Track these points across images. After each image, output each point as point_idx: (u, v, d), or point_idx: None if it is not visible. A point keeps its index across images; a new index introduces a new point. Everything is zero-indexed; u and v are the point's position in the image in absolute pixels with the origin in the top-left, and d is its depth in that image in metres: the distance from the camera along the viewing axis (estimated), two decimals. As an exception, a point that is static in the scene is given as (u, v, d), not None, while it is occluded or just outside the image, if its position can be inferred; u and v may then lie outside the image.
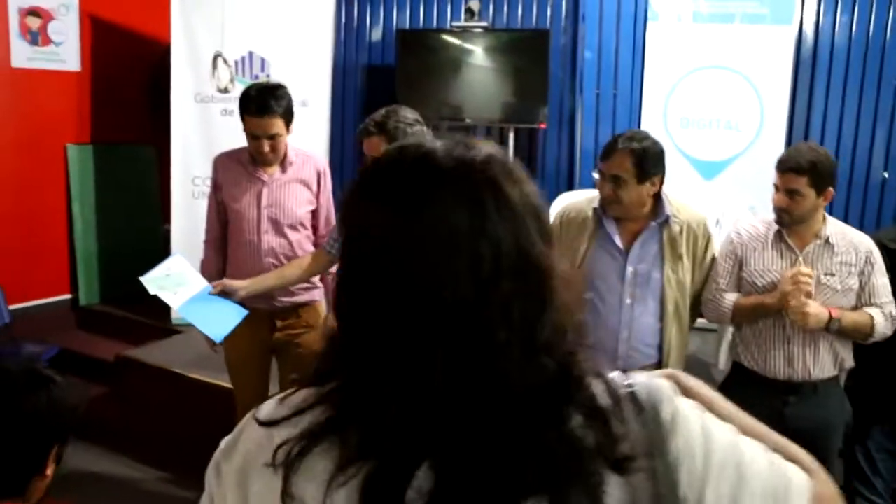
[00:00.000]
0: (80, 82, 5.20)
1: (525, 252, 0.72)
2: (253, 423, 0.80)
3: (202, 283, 2.84)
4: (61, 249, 5.21)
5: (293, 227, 3.01)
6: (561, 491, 0.69)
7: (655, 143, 2.51)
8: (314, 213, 3.09)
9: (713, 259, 2.68)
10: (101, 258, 5.32)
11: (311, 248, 3.06)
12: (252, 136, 2.85)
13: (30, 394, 1.42)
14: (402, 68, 5.23)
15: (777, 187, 2.57)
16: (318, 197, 3.06)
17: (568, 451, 0.70)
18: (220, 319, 2.78)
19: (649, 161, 2.45)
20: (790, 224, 2.59)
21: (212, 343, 2.88)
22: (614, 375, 0.78)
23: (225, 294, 2.80)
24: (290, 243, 3.00)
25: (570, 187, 5.17)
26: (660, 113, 4.68)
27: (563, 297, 0.74)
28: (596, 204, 2.59)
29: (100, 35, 5.26)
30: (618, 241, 2.56)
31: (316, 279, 3.15)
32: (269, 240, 2.98)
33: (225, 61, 4.68)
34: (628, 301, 2.56)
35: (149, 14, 5.26)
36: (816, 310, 2.46)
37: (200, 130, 4.78)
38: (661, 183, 2.53)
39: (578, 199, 2.74)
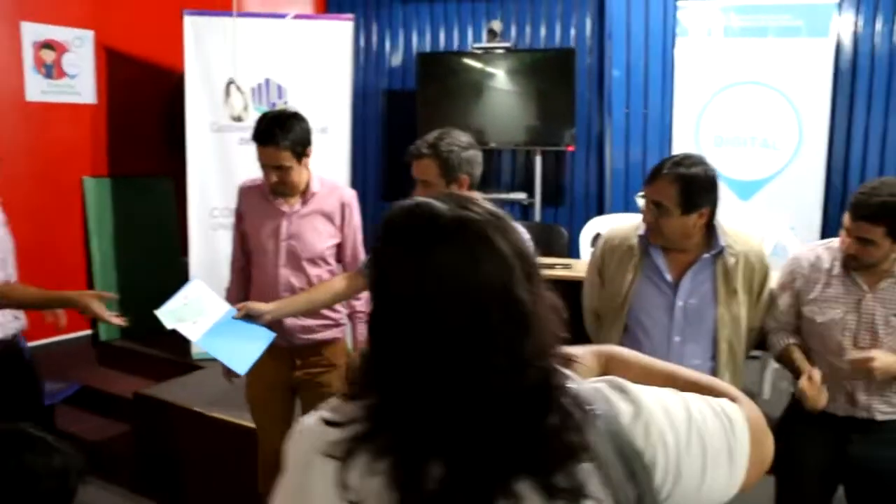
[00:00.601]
0: (95, 115, 5.12)
1: (509, 289, 0.89)
2: (311, 425, 0.98)
3: (224, 307, 2.66)
4: (80, 284, 5.10)
5: (313, 262, 2.85)
6: (546, 473, 0.87)
7: (707, 171, 2.23)
8: (340, 247, 2.94)
9: (770, 295, 2.45)
10: (119, 292, 5.19)
11: None
12: (261, 165, 2.72)
13: (7, 458, 1.34)
14: (424, 92, 5.11)
15: (847, 230, 2.29)
16: (342, 230, 2.91)
17: (548, 442, 0.88)
18: (243, 348, 2.59)
19: (696, 190, 2.20)
20: (858, 269, 2.35)
21: (230, 373, 2.75)
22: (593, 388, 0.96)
23: (249, 318, 2.63)
24: (309, 278, 2.85)
25: (601, 211, 5.00)
26: (691, 131, 4.53)
27: (544, 322, 0.92)
28: (642, 231, 2.37)
29: (115, 66, 5.18)
30: (666, 273, 2.34)
31: (342, 316, 3.01)
32: (287, 274, 2.84)
33: (238, 88, 4.58)
34: (677, 339, 2.34)
35: (163, 44, 5.18)
36: (884, 363, 2.22)
37: (217, 160, 4.69)
38: (712, 214, 2.26)
39: (623, 226, 2.51)
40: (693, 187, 2.20)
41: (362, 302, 3.03)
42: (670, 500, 0.94)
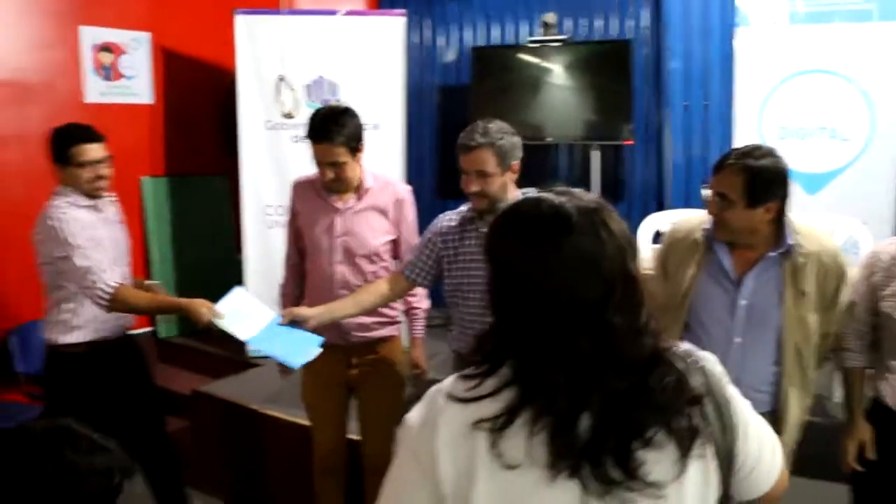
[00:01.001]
0: (152, 115, 5.18)
1: (626, 267, 1.06)
2: (448, 400, 1.09)
3: (270, 314, 2.63)
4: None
5: (368, 259, 2.82)
6: (668, 420, 1.03)
7: (777, 164, 2.12)
8: (395, 244, 2.89)
9: (848, 304, 2.30)
10: (177, 290, 5.27)
11: None
12: (317, 162, 2.69)
13: (49, 456, 1.30)
14: (478, 88, 5.05)
15: None
16: (397, 225, 2.87)
17: (667, 395, 1.04)
18: (295, 348, 2.57)
19: (763, 183, 2.10)
20: None
21: (285, 369, 2.75)
22: (685, 348, 1.16)
23: (295, 323, 2.58)
24: (365, 275, 2.81)
25: (660, 207, 4.87)
26: (754, 123, 4.37)
27: (647, 292, 1.08)
28: (708, 225, 2.26)
29: (171, 67, 5.24)
30: (729, 269, 2.23)
31: (398, 313, 2.96)
32: (343, 271, 2.80)
33: (288, 85, 4.57)
34: (738, 340, 2.22)
35: (217, 43, 5.20)
36: None
37: (271, 158, 4.69)
38: (781, 209, 2.15)
39: (689, 219, 2.41)
40: (760, 180, 2.09)
41: (418, 298, 2.98)
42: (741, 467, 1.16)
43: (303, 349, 2.53)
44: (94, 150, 2.94)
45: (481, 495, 1.04)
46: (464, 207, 2.63)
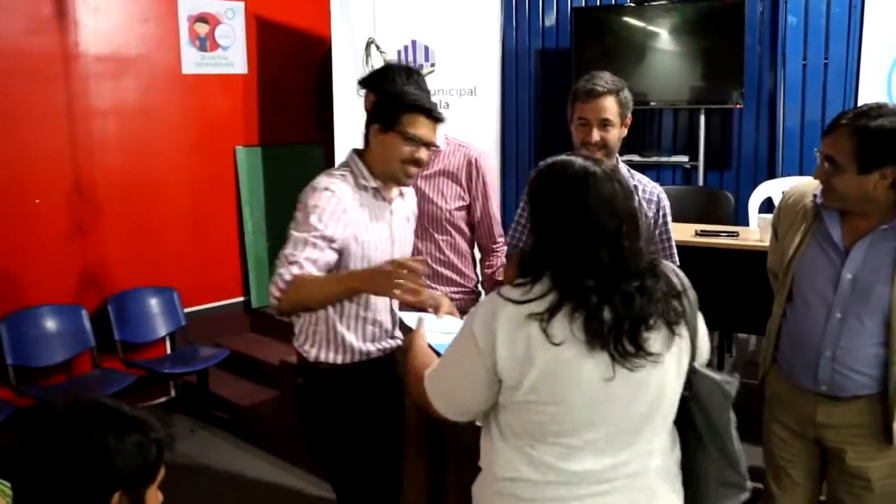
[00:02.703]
0: (247, 85, 5.17)
1: (632, 208, 1.53)
2: (505, 302, 1.49)
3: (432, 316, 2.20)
4: (233, 252, 5.22)
5: (439, 226, 2.72)
6: (662, 311, 1.49)
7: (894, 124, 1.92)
8: (469, 211, 2.76)
9: None
10: (271, 261, 5.27)
11: (466, 251, 2.79)
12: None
13: (74, 433, 1.26)
14: (580, 51, 4.81)
15: None
16: (469, 190, 2.73)
17: (661, 293, 1.50)
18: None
19: (879, 146, 1.90)
20: None
21: None
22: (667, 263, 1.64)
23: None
24: (438, 244, 2.73)
25: (771, 175, 4.55)
26: (882, 83, 4.02)
27: (645, 229, 1.87)
28: (819, 190, 2.09)
29: (265, 36, 5.21)
30: (837, 238, 2.04)
31: (476, 283, 2.87)
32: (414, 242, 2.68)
33: (378, 48, 4.44)
34: (838, 315, 2.04)
35: (312, 11, 5.14)
36: None
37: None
38: None
39: (803, 184, 2.25)
40: (875, 142, 1.89)
41: (498, 268, 2.86)
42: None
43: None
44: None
45: (538, 366, 1.45)
46: None
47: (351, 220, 2.16)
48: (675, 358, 1.52)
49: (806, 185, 2.22)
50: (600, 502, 1.52)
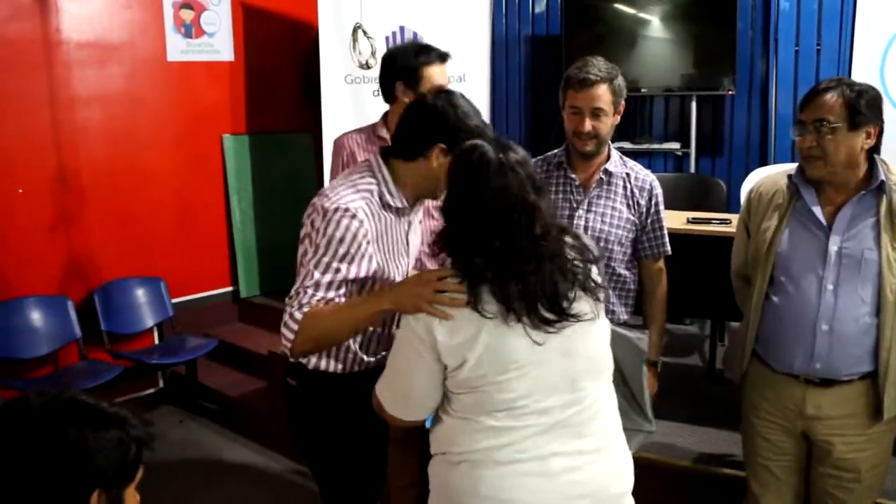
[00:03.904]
0: (233, 72, 5.11)
1: (525, 195, 1.60)
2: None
3: None
4: (221, 242, 5.17)
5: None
6: (586, 281, 1.65)
7: (872, 88, 2.07)
8: None
9: None
10: (259, 250, 5.24)
11: None
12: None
13: (51, 430, 1.21)
14: (570, 38, 4.76)
15: None
16: None
17: (573, 269, 1.64)
18: None
19: (864, 103, 2.00)
20: None
21: None
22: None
23: None
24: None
25: (763, 162, 4.53)
26: (876, 69, 3.99)
27: (546, 217, 1.62)
28: (792, 171, 2.14)
29: (252, 23, 5.14)
30: (818, 212, 2.09)
31: None
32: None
33: (365, 33, 4.38)
34: (830, 287, 2.07)
35: (299, -2, 5.08)
36: None
37: (354, 113, 4.54)
38: (878, 136, 2.04)
39: (771, 174, 2.31)
40: (861, 100, 2.00)
41: None
42: None
43: None
44: None
45: (481, 341, 1.58)
46: (552, 153, 2.55)
47: (376, 249, 1.94)
48: (602, 324, 1.71)
49: (773, 174, 2.27)
50: (552, 438, 1.62)
